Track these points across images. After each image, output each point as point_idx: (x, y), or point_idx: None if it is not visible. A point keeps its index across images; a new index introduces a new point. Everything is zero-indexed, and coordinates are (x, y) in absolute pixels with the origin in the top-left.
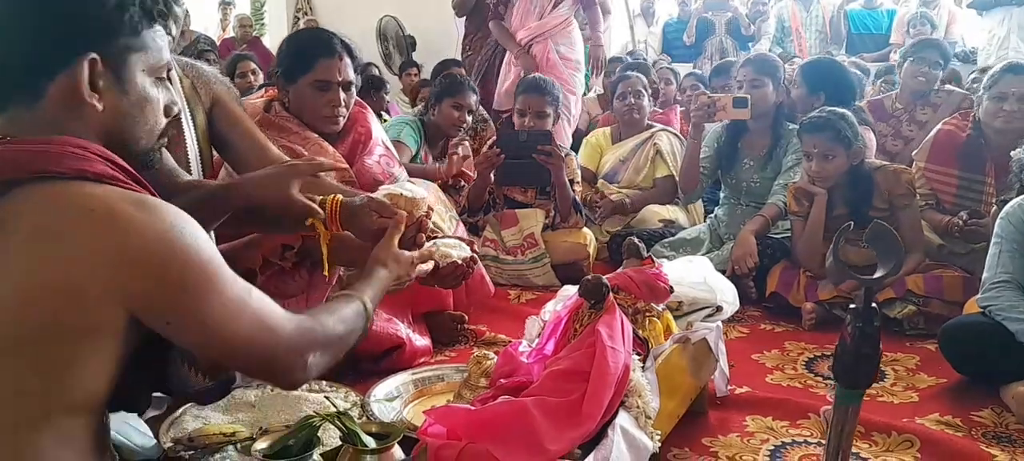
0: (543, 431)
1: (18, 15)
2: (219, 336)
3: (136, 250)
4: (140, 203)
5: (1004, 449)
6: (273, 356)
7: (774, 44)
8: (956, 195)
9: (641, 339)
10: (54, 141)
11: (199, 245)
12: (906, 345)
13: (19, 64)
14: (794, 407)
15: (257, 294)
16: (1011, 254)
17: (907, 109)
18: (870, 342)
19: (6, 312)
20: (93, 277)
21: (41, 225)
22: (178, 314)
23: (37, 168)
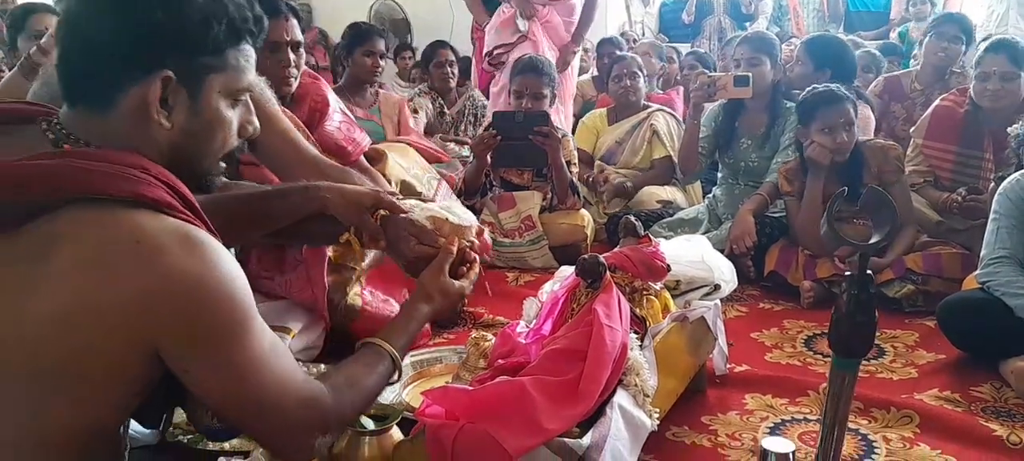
0: (541, 410)
1: (98, 24)
2: (237, 391)
3: (173, 290)
4: (186, 240)
5: (1003, 423)
6: (279, 429)
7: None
8: (954, 171)
9: (639, 318)
10: (114, 158)
11: (235, 293)
12: (905, 322)
13: (93, 72)
14: (793, 385)
15: (285, 358)
16: (1009, 230)
17: (925, 90)
18: (865, 310)
19: (41, 338)
20: (128, 311)
21: (86, 255)
22: (201, 360)
23: (93, 188)
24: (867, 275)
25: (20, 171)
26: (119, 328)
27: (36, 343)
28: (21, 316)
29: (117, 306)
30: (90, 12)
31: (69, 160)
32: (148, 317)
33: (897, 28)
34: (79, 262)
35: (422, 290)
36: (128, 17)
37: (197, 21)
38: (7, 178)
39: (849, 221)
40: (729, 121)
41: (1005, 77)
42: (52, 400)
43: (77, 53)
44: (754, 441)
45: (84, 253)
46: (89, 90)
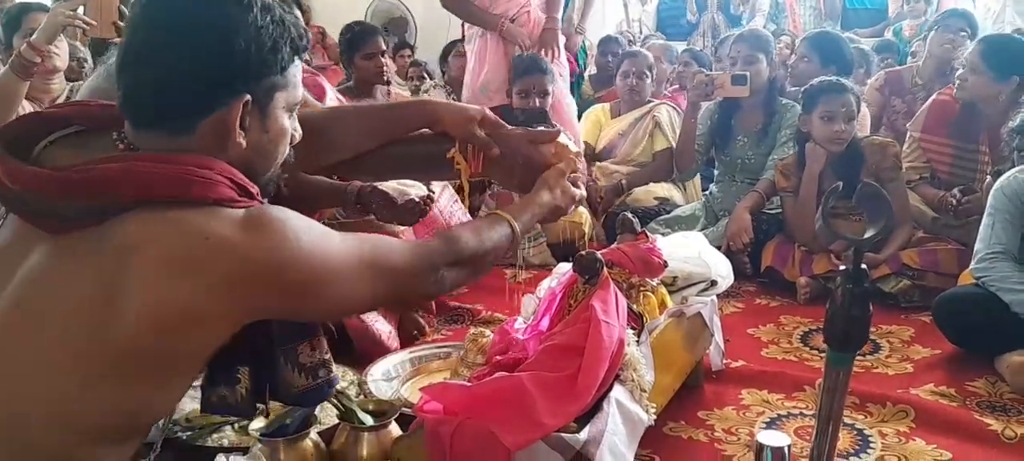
0: (539, 405)
1: (180, 54)
2: (348, 305)
3: (253, 270)
4: (250, 223)
5: (998, 418)
6: (401, 287)
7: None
8: (951, 165)
9: (636, 313)
10: (179, 162)
11: (307, 241)
12: (900, 317)
13: (176, 101)
14: (789, 380)
15: (369, 244)
16: (1004, 225)
17: (926, 85)
18: (860, 303)
19: (127, 340)
20: (213, 302)
21: (164, 257)
22: (305, 307)
23: (164, 193)
24: (862, 269)
25: (90, 177)
26: (208, 317)
27: (125, 346)
28: (105, 323)
29: (201, 300)
30: (171, 43)
31: (136, 164)
32: (236, 302)
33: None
34: (158, 267)
35: (545, 183)
36: (213, 48)
37: (269, 46)
38: (75, 185)
39: (845, 217)
40: (725, 118)
41: (974, 69)
42: (138, 390)
43: (158, 82)
44: (750, 436)
45: (161, 258)
46: (168, 117)
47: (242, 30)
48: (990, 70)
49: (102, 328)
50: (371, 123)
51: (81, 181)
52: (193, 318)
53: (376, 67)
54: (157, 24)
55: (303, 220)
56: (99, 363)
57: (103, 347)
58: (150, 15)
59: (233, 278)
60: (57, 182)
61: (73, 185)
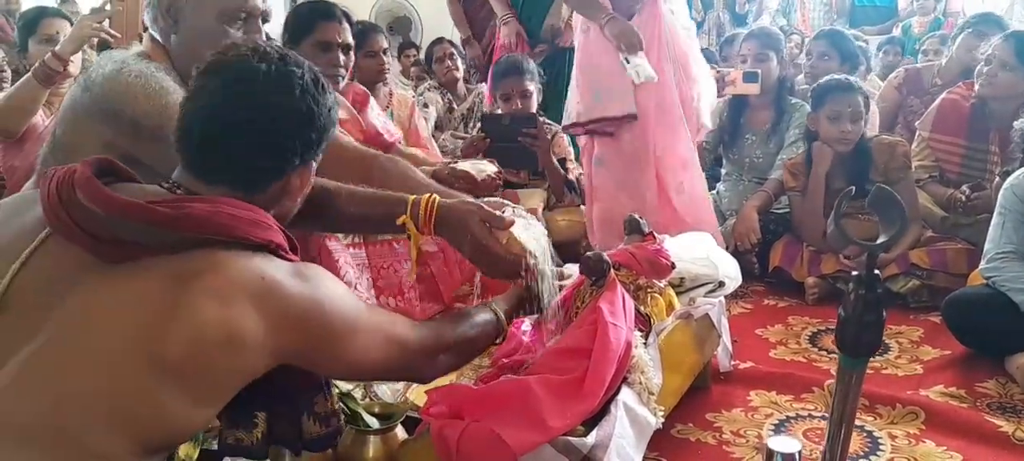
0: (546, 408)
1: (273, 133)
2: (359, 364)
3: (293, 314)
4: (298, 272)
5: (1009, 419)
6: (406, 365)
7: (777, 16)
8: (961, 164)
9: (643, 315)
10: (247, 208)
11: (339, 300)
12: (910, 318)
13: (258, 168)
14: (798, 381)
15: (386, 318)
16: (1015, 225)
17: (946, 86)
18: (872, 309)
19: (178, 349)
20: (262, 332)
21: (222, 286)
22: (326, 357)
23: (232, 233)
24: (875, 275)
25: (184, 212)
26: (253, 347)
27: (173, 352)
28: (161, 326)
29: (248, 329)
30: (262, 122)
31: (221, 207)
32: (277, 335)
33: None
34: (215, 292)
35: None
36: (298, 130)
37: (333, 120)
38: (168, 218)
39: (854, 217)
40: (735, 116)
41: (1004, 65)
42: (173, 394)
43: (246, 152)
44: (759, 438)
45: (220, 285)
46: (245, 179)
47: (323, 112)
48: (1022, 66)
49: (161, 340)
50: (362, 210)
51: (175, 216)
52: (237, 343)
53: (378, 66)
54: (251, 97)
55: (337, 281)
56: (155, 372)
57: (160, 357)
58: (238, 94)
59: (278, 315)
60: (151, 213)
61: (167, 218)
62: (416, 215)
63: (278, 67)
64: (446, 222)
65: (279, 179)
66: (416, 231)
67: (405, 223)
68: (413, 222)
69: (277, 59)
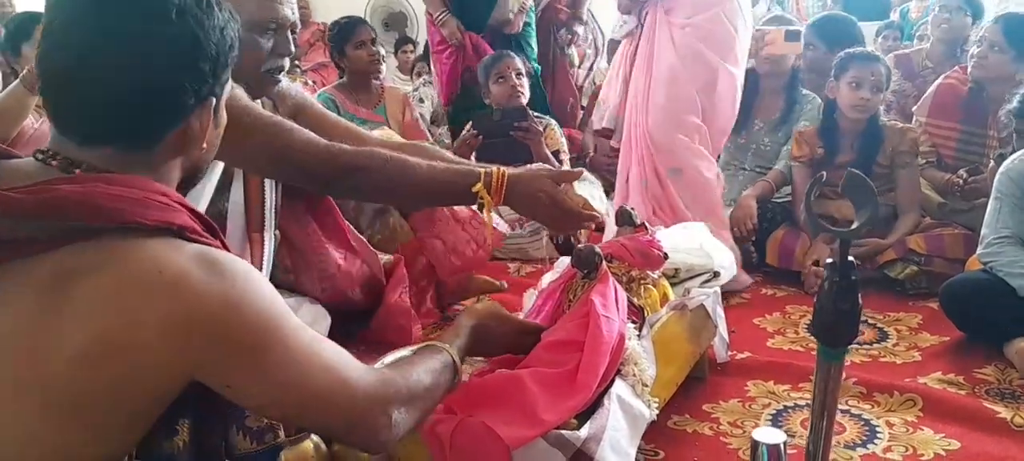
0: (539, 401)
1: (150, 70)
2: (288, 392)
3: (201, 316)
4: (210, 264)
5: (1008, 405)
6: (351, 410)
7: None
8: (957, 149)
9: (636, 307)
10: (138, 185)
11: (262, 301)
12: (908, 304)
13: (142, 117)
14: (796, 371)
15: (329, 346)
16: (1011, 209)
17: (936, 67)
18: (848, 297)
19: (68, 374)
20: (158, 342)
21: (110, 288)
22: (242, 373)
23: (121, 218)
24: (848, 262)
25: (46, 198)
26: (151, 361)
27: (62, 378)
28: (44, 350)
29: (147, 339)
30: (136, 58)
31: (98, 187)
32: (180, 344)
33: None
34: (104, 296)
35: (469, 313)
36: (185, 61)
37: (229, 44)
38: (30, 206)
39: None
40: (746, 103)
41: (994, 46)
42: (74, 434)
43: (120, 100)
44: (756, 428)
45: (108, 287)
46: (129, 132)
47: (212, 35)
48: (1012, 48)
49: (43, 361)
50: (439, 179)
51: (36, 203)
52: (133, 358)
53: (369, 56)
54: (115, 31)
55: (264, 281)
56: (36, 397)
57: (40, 380)
58: (105, 22)
59: (180, 316)
60: (8, 202)
61: (23, 205)
62: (489, 184)
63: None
64: (516, 190)
65: (175, 127)
66: (489, 198)
67: (479, 191)
68: (487, 191)
69: None
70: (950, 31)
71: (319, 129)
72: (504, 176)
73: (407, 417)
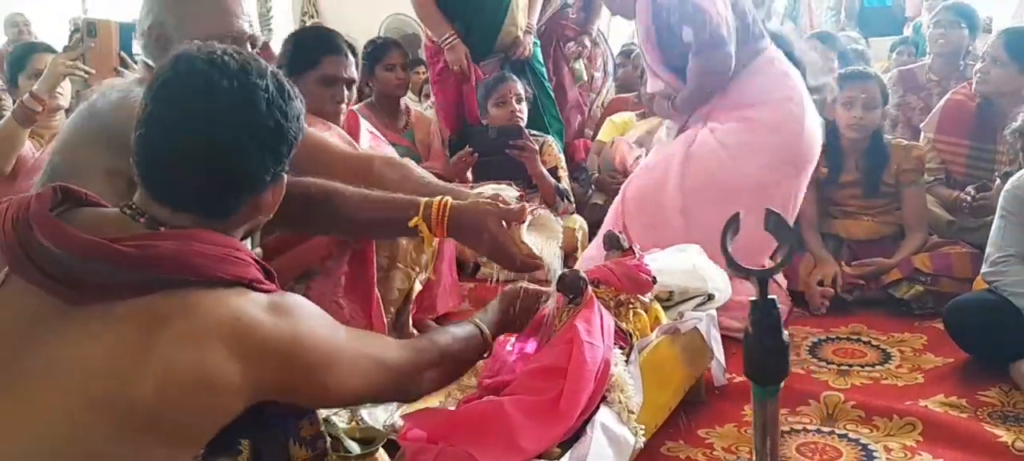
0: (520, 430)
1: (241, 154)
2: (345, 392)
3: (271, 353)
4: (276, 307)
5: (1010, 429)
6: (392, 385)
7: (786, 19)
8: (966, 166)
9: (624, 332)
10: (217, 241)
11: (320, 330)
12: (913, 325)
13: (226, 192)
14: (795, 394)
15: (370, 339)
16: (1016, 228)
17: (941, 81)
18: (772, 334)
19: (147, 401)
20: (239, 375)
21: (196, 332)
22: (308, 390)
23: (206, 274)
24: (769, 300)
25: (149, 253)
26: (229, 391)
27: (144, 403)
28: (127, 377)
29: (227, 374)
30: (235, 141)
31: (189, 246)
32: (255, 376)
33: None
34: (190, 340)
35: (506, 298)
36: (269, 146)
37: (302, 127)
38: (132, 258)
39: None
40: None
41: (996, 61)
42: (145, 451)
43: (210, 178)
44: (750, 454)
45: (193, 331)
46: (212, 203)
47: (293, 124)
48: (1014, 61)
49: (130, 392)
50: (372, 213)
51: (140, 257)
52: (212, 389)
53: (397, 79)
54: (213, 127)
55: (316, 309)
56: (125, 425)
57: (129, 409)
58: (202, 119)
59: (255, 356)
60: (115, 254)
61: (131, 260)
62: (428, 217)
63: (240, 80)
64: (460, 223)
65: (250, 201)
66: (429, 233)
67: (418, 226)
68: (426, 224)
69: (238, 69)
70: (947, 45)
71: None
72: (445, 208)
73: (436, 376)
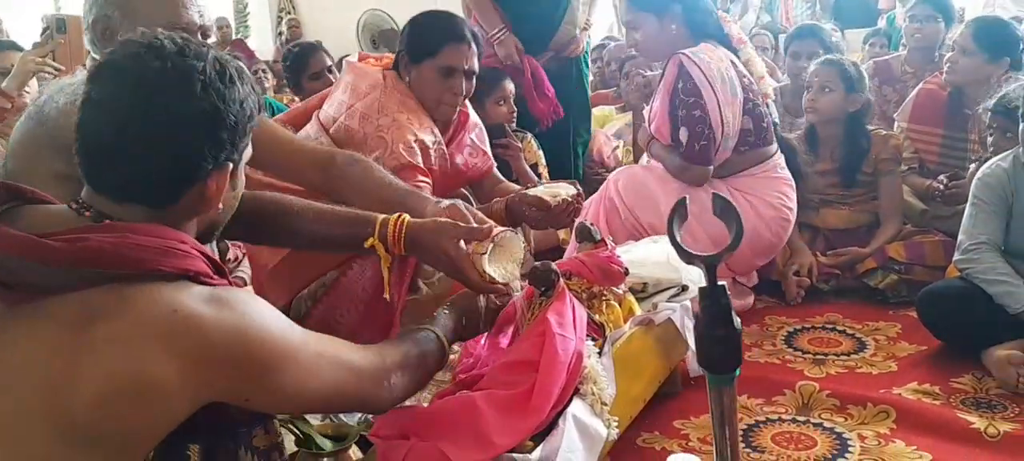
0: (491, 424)
1: (177, 139)
2: (303, 394)
3: (217, 346)
4: (219, 300)
5: (983, 415)
6: (358, 390)
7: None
8: (940, 155)
9: (597, 324)
10: (158, 233)
11: (270, 324)
12: (888, 314)
13: (167, 179)
14: (770, 384)
15: (331, 343)
16: (988, 215)
17: (916, 73)
18: (722, 322)
19: (85, 408)
20: (177, 376)
21: (129, 329)
22: (260, 389)
23: (144, 266)
24: (718, 287)
25: (81, 247)
26: (169, 393)
27: (81, 416)
28: (61, 387)
29: (165, 375)
30: (163, 129)
31: (126, 238)
32: (198, 374)
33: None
34: (122, 338)
35: (457, 304)
36: (207, 130)
37: (248, 115)
38: (67, 254)
39: (834, 205)
40: None
41: (965, 51)
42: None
43: (148, 165)
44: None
45: (126, 329)
46: (154, 192)
47: (232, 108)
48: (982, 51)
49: (64, 400)
50: (326, 230)
51: (70, 252)
52: (150, 393)
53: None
54: (147, 111)
55: (266, 304)
56: (48, 429)
57: (65, 420)
58: (139, 95)
59: (196, 352)
60: (43, 250)
61: (59, 253)
62: (384, 236)
63: (175, 63)
64: (417, 242)
65: (190, 189)
66: (385, 253)
67: (374, 246)
68: (382, 244)
69: (175, 52)
70: (924, 39)
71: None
72: (402, 225)
73: (402, 380)
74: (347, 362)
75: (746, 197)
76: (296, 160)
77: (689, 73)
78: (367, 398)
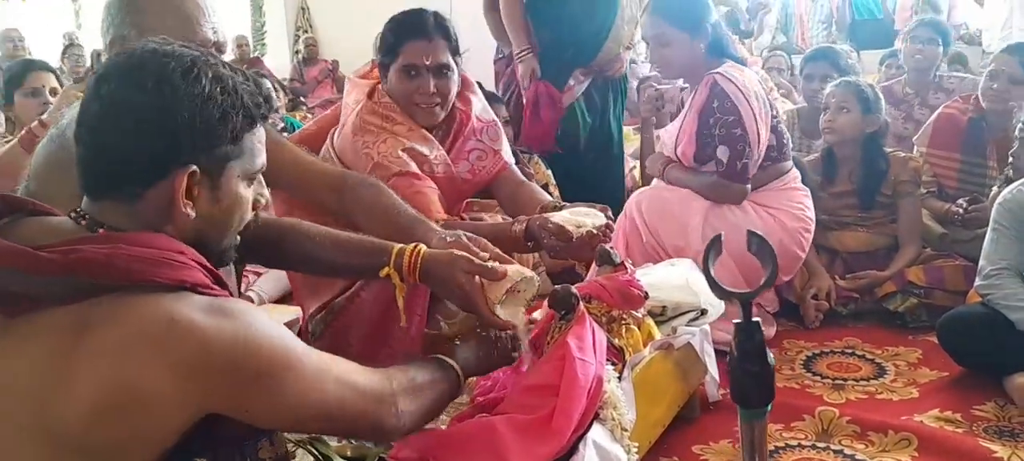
0: (510, 448)
1: (124, 128)
2: (305, 409)
3: (215, 355)
4: (217, 309)
5: (1006, 444)
6: (362, 410)
7: (778, 33)
8: (959, 179)
9: (617, 348)
10: (154, 243)
11: (270, 333)
12: (908, 338)
13: (121, 172)
14: (789, 409)
15: (336, 360)
16: (1009, 241)
17: (918, 93)
18: (755, 359)
19: (78, 418)
20: (173, 386)
21: (122, 339)
22: (259, 401)
23: (136, 278)
24: (753, 323)
25: (74, 258)
26: (166, 404)
27: (75, 429)
28: (55, 401)
29: (161, 386)
30: (116, 116)
31: (119, 249)
32: (196, 384)
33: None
34: (115, 348)
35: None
36: (154, 121)
37: (217, 117)
38: (60, 265)
39: (852, 229)
40: None
41: (1013, 79)
42: None
43: (103, 155)
44: None
45: (119, 339)
46: (116, 187)
47: (186, 103)
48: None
49: (52, 406)
50: (342, 258)
51: (64, 263)
52: (145, 401)
53: None
54: (107, 98)
55: (267, 317)
56: (43, 444)
57: (59, 433)
58: (101, 90)
59: (192, 361)
60: (36, 262)
61: (53, 265)
62: (400, 265)
63: (134, 60)
64: (431, 272)
65: (149, 186)
66: (401, 284)
67: (390, 275)
68: (397, 273)
69: (148, 50)
70: (924, 60)
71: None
72: (418, 256)
73: (411, 407)
74: (350, 380)
75: (769, 211)
76: (309, 180)
77: (725, 92)
78: (373, 420)
